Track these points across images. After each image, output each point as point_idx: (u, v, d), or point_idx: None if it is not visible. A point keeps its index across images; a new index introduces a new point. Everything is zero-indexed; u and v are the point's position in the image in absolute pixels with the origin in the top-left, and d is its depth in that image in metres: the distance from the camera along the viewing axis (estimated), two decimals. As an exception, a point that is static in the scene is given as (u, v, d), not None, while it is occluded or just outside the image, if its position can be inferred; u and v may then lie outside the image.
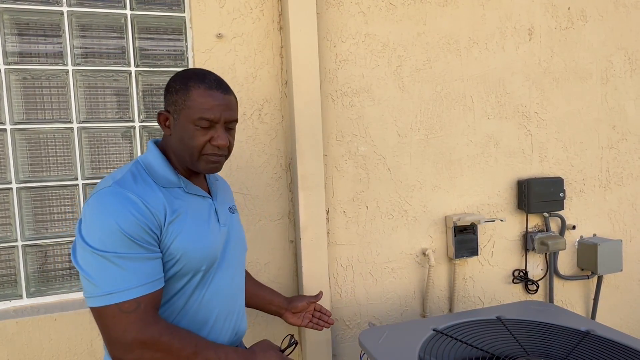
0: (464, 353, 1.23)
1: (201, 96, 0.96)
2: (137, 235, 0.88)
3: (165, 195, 0.96)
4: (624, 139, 2.24)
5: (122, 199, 0.89)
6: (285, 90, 1.74)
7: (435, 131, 1.93)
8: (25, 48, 1.53)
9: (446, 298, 1.99)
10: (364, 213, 1.85)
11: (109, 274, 0.86)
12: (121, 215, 0.87)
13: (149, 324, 0.87)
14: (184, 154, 1.00)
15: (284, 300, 1.42)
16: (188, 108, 0.96)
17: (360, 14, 1.80)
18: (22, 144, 1.54)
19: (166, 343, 0.87)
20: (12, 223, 1.54)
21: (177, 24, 1.67)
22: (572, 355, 1.20)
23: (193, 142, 0.97)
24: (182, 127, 0.98)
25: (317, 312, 1.46)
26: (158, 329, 0.88)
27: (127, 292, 0.86)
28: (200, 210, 1.02)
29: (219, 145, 0.98)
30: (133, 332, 0.85)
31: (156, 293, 0.90)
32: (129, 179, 0.94)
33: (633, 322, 2.32)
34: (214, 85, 0.98)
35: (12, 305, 1.55)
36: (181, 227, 0.95)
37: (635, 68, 2.24)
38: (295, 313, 1.41)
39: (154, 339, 0.86)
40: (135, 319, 0.86)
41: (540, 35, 2.07)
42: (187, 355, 0.89)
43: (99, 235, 0.86)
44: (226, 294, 1.06)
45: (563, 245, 2.02)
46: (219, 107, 0.97)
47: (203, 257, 0.98)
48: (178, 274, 0.96)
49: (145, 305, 0.87)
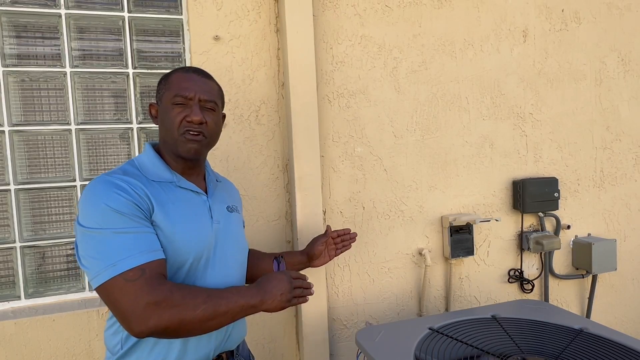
0: (460, 351, 1.25)
1: (178, 77, 1.06)
2: (128, 211, 0.92)
3: (154, 188, 1.00)
4: (618, 139, 2.27)
5: (109, 184, 0.95)
6: (282, 92, 1.76)
7: (431, 132, 1.94)
8: (24, 50, 1.54)
9: (442, 297, 2.01)
10: (361, 213, 1.86)
11: (109, 247, 0.89)
12: (109, 196, 0.92)
13: (157, 286, 0.89)
14: (167, 138, 1.06)
15: (302, 254, 1.45)
16: (167, 90, 1.06)
17: (356, 16, 1.82)
18: (20, 146, 1.55)
19: (179, 297, 0.90)
20: (10, 224, 1.55)
21: (175, 26, 1.68)
22: (566, 353, 1.22)
23: (171, 120, 1.04)
24: (164, 110, 1.06)
25: (336, 239, 1.47)
26: (167, 287, 0.90)
27: (129, 260, 0.88)
28: (190, 204, 1.05)
29: (192, 121, 1.03)
30: (144, 297, 0.87)
31: (159, 261, 0.93)
32: (118, 172, 1.01)
33: (627, 321, 2.34)
34: (191, 69, 1.08)
35: (11, 306, 1.55)
36: (168, 218, 0.98)
37: (629, 69, 2.27)
38: (318, 257, 1.44)
39: (167, 297, 0.88)
40: (142, 285, 0.88)
41: (535, 37, 2.10)
42: (203, 300, 0.92)
43: (92, 217, 0.91)
44: None
45: (558, 244, 2.04)
46: (194, 86, 1.05)
47: (190, 248, 1.00)
48: (167, 263, 0.98)
49: (150, 271, 0.89)
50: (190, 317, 0.90)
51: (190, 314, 0.90)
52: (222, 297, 0.95)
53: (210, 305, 0.92)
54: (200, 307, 0.91)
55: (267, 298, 1.01)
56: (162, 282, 0.90)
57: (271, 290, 1.01)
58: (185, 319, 0.89)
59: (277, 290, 1.02)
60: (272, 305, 1.01)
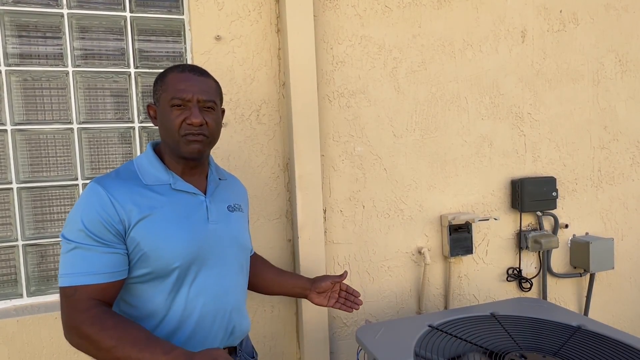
0: (459, 348, 1.26)
1: (175, 79, 1.03)
2: (94, 230, 0.94)
3: (143, 194, 1.00)
4: (615, 139, 2.29)
5: (92, 194, 0.96)
6: (282, 92, 1.77)
7: (431, 131, 1.96)
8: (26, 49, 1.55)
9: (441, 296, 2.02)
10: (361, 212, 1.87)
11: (65, 260, 0.94)
12: (86, 209, 0.95)
13: (77, 311, 0.91)
14: (168, 140, 1.05)
15: (307, 281, 1.38)
16: (164, 91, 1.03)
17: (356, 16, 1.83)
18: (23, 145, 1.56)
19: (86, 332, 0.90)
20: (13, 223, 1.55)
21: (176, 26, 1.69)
22: (564, 349, 1.23)
23: (171, 123, 1.02)
24: (162, 112, 1.04)
25: (343, 292, 1.39)
26: (83, 317, 0.90)
27: (68, 278, 0.92)
28: (183, 206, 1.03)
29: (192, 123, 1.01)
30: (66, 316, 0.92)
31: (99, 286, 0.93)
32: (111, 176, 1.01)
33: (624, 319, 2.36)
34: (187, 68, 1.05)
35: (13, 304, 1.56)
36: (153, 224, 0.98)
37: (626, 70, 2.29)
38: (320, 293, 1.36)
39: (77, 326, 0.90)
40: (70, 304, 0.92)
41: (533, 37, 2.11)
42: (107, 348, 0.88)
43: (68, 225, 0.96)
44: (214, 293, 1.05)
45: (556, 243, 2.06)
46: (192, 87, 1.02)
47: (175, 254, 0.98)
48: (152, 272, 0.98)
49: (80, 294, 0.92)
50: (93, 354, 0.91)
51: (93, 352, 0.91)
52: (129, 355, 0.87)
53: (113, 356, 0.88)
54: (102, 352, 0.89)
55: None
56: (84, 309, 0.91)
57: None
58: (90, 353, 0.91)
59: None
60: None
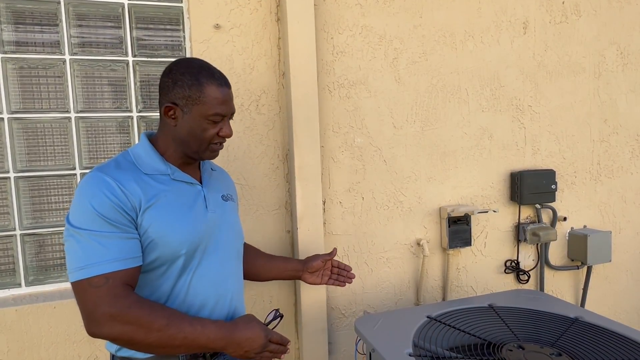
0: (457, 339, 1.27)
1: (215, 93, 1.04)
2: (110, 216, 0.93)
3: (145, 183, 1.00)
4: (615, 132, 2.29)
5: (99, 182, 0.95)
6: (282, 82, 1.75)
7: (431, 123, 1.95)
8: (22, 37, 1.53)
9: (440, 287, 2.03)
10: (360, 204, 1.87)
11: (82, 250, 0.91)
12: (95, 196, 0.93)
13: (118, 297, 0.90)
14: (191, 145, 1.06)
15: (299, 263, 1.44)
16: (203, 104, 1.03)
17: (357, 5, 1.81)
18: (20, 134, 1.54)
19: (135, 316, 0.89)
20: (10, 212, 1.55)
21: (175, 14, 1.67)
22: (561, 340, 1.24)
23: (205, 134, 1.05)
24: (194, 121, 1.04)
25: (335, 268, 1.47)
26: (127, 302, 0.90)
27: (96, 267, 0.90)
28: (184, 196, 1.06)
29: (226, 136, 1.08)
30: (102, 305, 0.89)
31: (128, 271, 0.93)
32: (111, 166, 1.01)
33: (621, 311, 2.38)
34: (223, 82, 1.07)
35: (11, 294, 1.56)
36: (159, 212, 0.99)
37: (627, 62, 2.28)
38: (312, 273, 1.42)
39: (123, 312, 0.89)
40: (104, 293, 0.89)
41: (535, 29, 2.10)
42: (159, 327, 0.90)
43: (76, 215, 0.93)
44: (215, 279, 1.08)
45: (554, 236, 2.06)
46: (229, 103, 1.07)
47: (182, 241, 1.00)
48: (159, 258, 0.99)
49: (114, 281, 0.90)
50: (141, 338, 0.90)
51: (142, 336, 0.90)
52: (183, 329, 0.92)
53: (166, 334, 0.91)
54: (154, 333, 0.90)
55: (231, 347, 0.98)
56: (124, 295, 0.90)
57: (240, 342, 0.99)
58: (135, 339, 0.90)
59: (247, 344, 0.99)
60: (233, 355, 0.99)
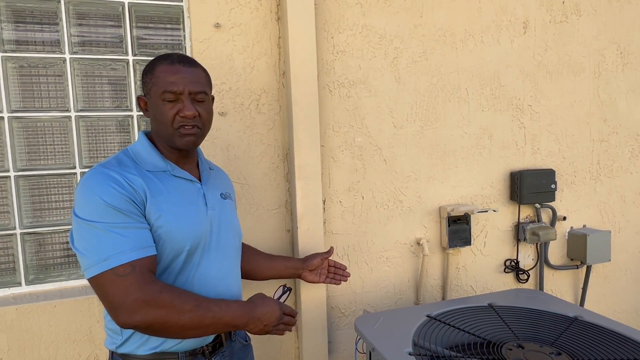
0: (457, 338, 1.27)
1: (164, 71, 1.02)
2: (121, 206, 0.93)
3: (148, 178, 1.01)
4: (615, 132, 2.29)
5: (104, 177, 0.95)
6: (282, 81, 1.75)
7: (431, 123, 1.95)
8: (22, 36, 1.53)
9: (439, 287, 2.03)
10: (360, 203, 1.87)
11: (102, 242, 0.90)
12: (103, 190, 0.93)
13: (148, 284, 0.90)
14: (161, 132, 1.06)
15: (299, 261, 1.49)
16: (154, 85, 1.03)
17: (357, 5, 1.81)
18: (20, 133, 1.54)
19: (168, 299, 0.90)
20: (11, 211, 1.55)
21: (175, 13, 1.67)
22: (561, 339, 1.24)
23: (164, 116, 1.03)
24: (154, 105, 1.04)
25: (331, 267, 1.54)
26: (158, 287, 0.91)
27: (120, 257, 0.90)
28: (185, 192, 1.06)
29: (186, 116, 1.03)
30: (134, 292, 0.88)
31: (150, 258, 0.94)
32: (113, 162, 1.01)
33: (620, 311, 2.39)
34: (176, 60, 1.04)
35: (12, 293, 1.56)
36: (163, 207, 0.99)
37: (627, 62, 2.28)
38: (312, 271, 1.48)
39: (155, 297, 0.89)
40: (133, 281, 0.89)
41: (535, 28, 2.10)
42: (190, 308, 0.93)
43: (87, 210, 0.93)
44: (215, 277, 1.09)
45: (554, 235, 2.07)
46: (182, 80, 1.02)
47: (186, 237, 1.01)
48: (162, 253, 0.99)
49: (140, 268, 0.91)
50: (175, 320, 0.91)
51: (175, 318, 0.91)
52: (210, 309, 0.96)
53: (197, 314, 0.93)
54: (187, 314, 0.92)
55: (253, 323, 1.04)
56: (153, 281, 0.91)
57: (260, 317, 1.04)
58: (169, 322, 0.90)
59: (265, 319, 1.05)
60: (253, 330, 1.06)
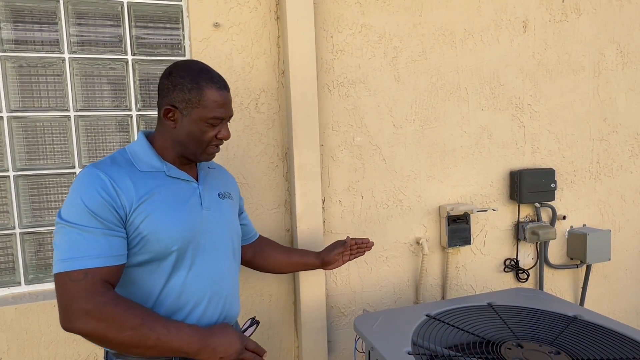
0: (456, 337, 1.27)
1: (214, 97, 1.06)
2: (98, 212, 0.94)
3: (141, 179, 1.01)
4: (615, 131, 2.29)
5: (92, 178, 0.96)
6: (282, 80, 1.75)
7: (430, 122, 1.95)
8: (21, 35, 1.52)
9: (439, 286, 2.03)
10: (360, 202, 1.87)
11: (68, 243, 0.92)
12: (87, 192, 0.94)
13: (94, 294, 0.90)
14: (190, 146, 1.08)
15: (316, 257, 1.48)
16: (202, 107, 1.05)
17: (356, 4, 1.81)
18: (19, 132, 1.54)
19: (109, 313, 0.89)
20: (10, 211, 1.55)
21: (174, 13, 1.67)
22: (560, 339, 1.24)
23: (204, 137, 1.08)
24: (193, 123, 1.06)
25: (354, 246, 1.49)
26: (103, 299, 0.90)
27: (77, 261, 0.90)
28: (179, 192, 1.07)
29: (224, 138, 1.11)
30: (78, 300, 0.89)
31: (110, 268, 0.93)
32: (106, 162, 1.02)
33: (619, 310, 2.39)
34: (222, 85, 1.08)
35: (11, 292, 1.56)
36: (151, 208, 1.00)
37: (627, 61, 2.28)
38: (332, 263, 1.48)
39: (98, 309, 0.89)
40: (82, 288, 0.89)
41: (535, 27, 2.10)
42: (132, 326, 0.90)
43: (67, 209, 0.95)
44: (210, 277, 1.09)
45: (553, 235, 2.07)
46: (228, 107, 1.10)
47: (174, 238, 1.01)
48: (150, 254, 1.00)
49: (93, 277, 0.91)
50: (113, 336, 0.90)
51: (114, 334, 0.89)
52: (155, 330, 0.92)
53: (139, 333, 0.91)
54: (127, 331, 0.90)
55: (206, 352, 0.97)
56: (101, 292, 0.90)
57: (215, 347, 0.98)
58: (107, 336, 0.90)
59: (221, 350, 0.99)
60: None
